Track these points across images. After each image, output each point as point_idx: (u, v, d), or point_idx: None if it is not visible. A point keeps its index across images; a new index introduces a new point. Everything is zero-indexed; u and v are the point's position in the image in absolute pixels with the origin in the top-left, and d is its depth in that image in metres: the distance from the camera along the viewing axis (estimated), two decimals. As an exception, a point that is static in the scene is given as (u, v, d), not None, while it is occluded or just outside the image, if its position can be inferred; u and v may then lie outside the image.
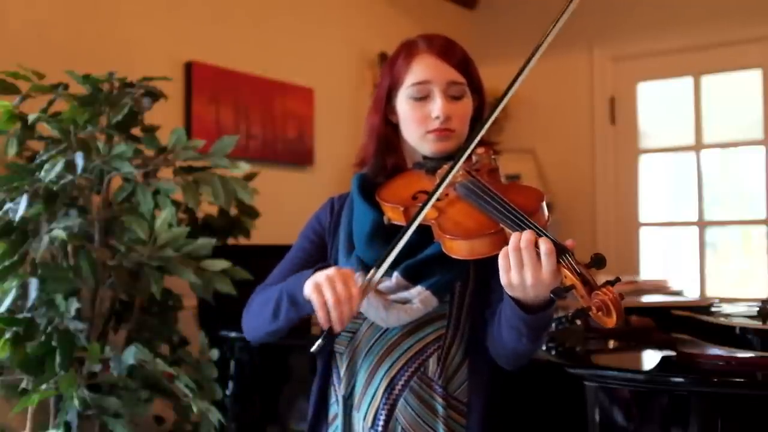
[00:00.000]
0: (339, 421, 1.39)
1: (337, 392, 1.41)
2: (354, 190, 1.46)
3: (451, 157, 1.37)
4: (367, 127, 1.48)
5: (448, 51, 1.40)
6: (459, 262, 1.27)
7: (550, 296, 1.14)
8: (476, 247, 1.23)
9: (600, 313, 1.07)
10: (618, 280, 1.11)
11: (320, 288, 1.22)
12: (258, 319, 1.41)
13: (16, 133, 2.03)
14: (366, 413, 1.35)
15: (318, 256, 1.47)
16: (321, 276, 1.23)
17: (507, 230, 1.20)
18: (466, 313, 1.37)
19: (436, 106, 1.37)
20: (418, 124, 1.39)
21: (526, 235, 1.14)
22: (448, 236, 1.25)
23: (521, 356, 1.30)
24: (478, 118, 1.46)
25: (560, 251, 1.12)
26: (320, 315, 1.22)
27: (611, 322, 1.06)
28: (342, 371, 1.40)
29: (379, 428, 1.34)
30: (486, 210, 1.25)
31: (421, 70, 1.39)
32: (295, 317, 1.33)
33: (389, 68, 1.44)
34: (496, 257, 1.20)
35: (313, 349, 1.23)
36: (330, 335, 1.22)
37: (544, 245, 1.12)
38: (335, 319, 1.21)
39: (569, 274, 1.11)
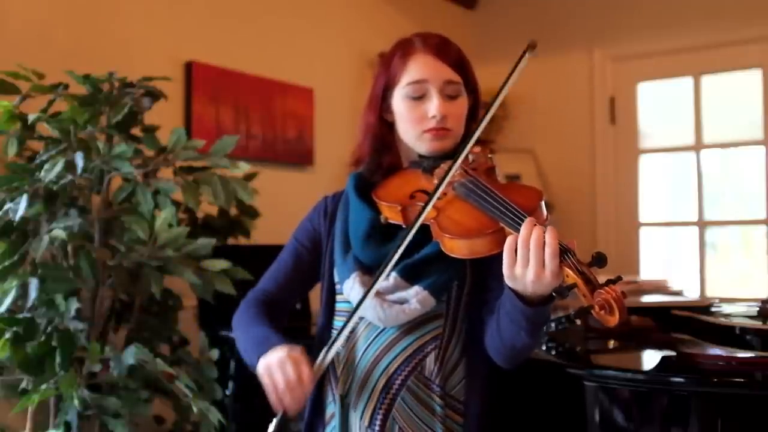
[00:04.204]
0: (336, 421, 1.39)
1: (334, 391, 1.40)
2: (350, 190, 1.46)
3: (448, 156, 1.37)
4: (362, 125, 1.48)
5: (444, 50, 1.40)
6: (456, 262, 1.28)
7: (551, 294, 1.14)
8: (476, 246, 1.23)
9: (603, 311, 1.07)
10: (620, 278, 1.10)
11: (270, 371, 1.26)
12: (240, 345, 1.44)
13: (16, 133, 2.03)
14: (363, 412, 1.35)
15: (310, 260, 1.49)
16: (273, 358, 1.27)
17: (507, 229, 1.20)
18: (464, 313, 1.37)
19: (433, 105, 1.37)
20: (415, 124, 1.39)
21: (536, 234, 1.13)
22: (447, 236, 1.25)
23: (519, 352, 1.29)
24: (473, 117, 1.46)
25: (562, 251, 1.12)
26: (272, 398, 1.25)
27: (614, 320, 1.06)
28: (339, 370, 1.40)
29: (377, 427, 1.33)
30: (485, 209, 1.25)
31: (417, 69, 1.38)
32: None
33: (385, 67, 1.44)
34: (493, 256, 1.20)
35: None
36: (285, 418, 1.25)
37: (549, 246, 1.12)
38: (288, 404, 1.24)
39: (571, 273, 1.10)
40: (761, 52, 3.86)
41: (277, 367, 1.25)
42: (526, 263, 1.13)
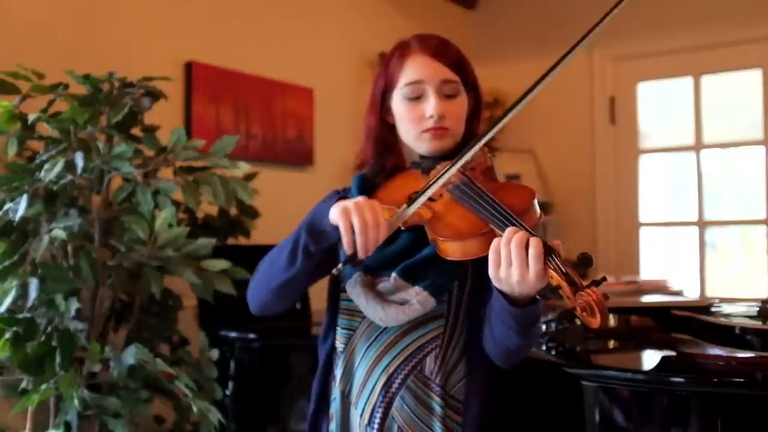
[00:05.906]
0: (337, 417, 1.40)
1: (337, 388, 1.41)
2: (354, 192, 1.46)
3: (447, 156, 1.37)
4: (364, 128, 1.49)
5: (441, 50, 1.40)
6: (456, 263, 1.28)
7: (536, 296, 1.15)
8: (468, 248, 1.24)
9: (584, 313, 1.07)
10: (604, 279, 1.11)
11: (348, 213, 1.22)
12: (268, 274, 1.38)
13: (16, 133, 2.03)
14: (363, 410, 1.36)
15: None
16: (349, 202, 1.24)
17: (497, 231, 1.20)
18: (464, 313, 1.37)
19: (430, 105, 1.37)
20: (413, 124, 1.40)
21: (519, 234, 1.15)
22: (440, 238, 1.26)
23: (513, 353, 1.31)
24: (474, 116, 1.46)
25: (547, 252, 1.13)
26: (346, 240, 1.21)
27: (595, 322, 1.07)
28: (341, 368, 1.41)
29: (375, 425, 1.34)
30: (476, 210, 1.26)
31: (414, 69, 1.39)
32: (316, 250, 1.31)
33: (383, 69, 1.45)
34: None
35: (333, 270, 1.22)
36: (352, 260, 1.21)
37: (533, 248, 1.12)
38: (361, 245, 1.20)
39: (555, 274, 1.11)
40: (761, 52, 3.86)
41: (355, 209, 1.21)
42: (509, 263, 1.15)
